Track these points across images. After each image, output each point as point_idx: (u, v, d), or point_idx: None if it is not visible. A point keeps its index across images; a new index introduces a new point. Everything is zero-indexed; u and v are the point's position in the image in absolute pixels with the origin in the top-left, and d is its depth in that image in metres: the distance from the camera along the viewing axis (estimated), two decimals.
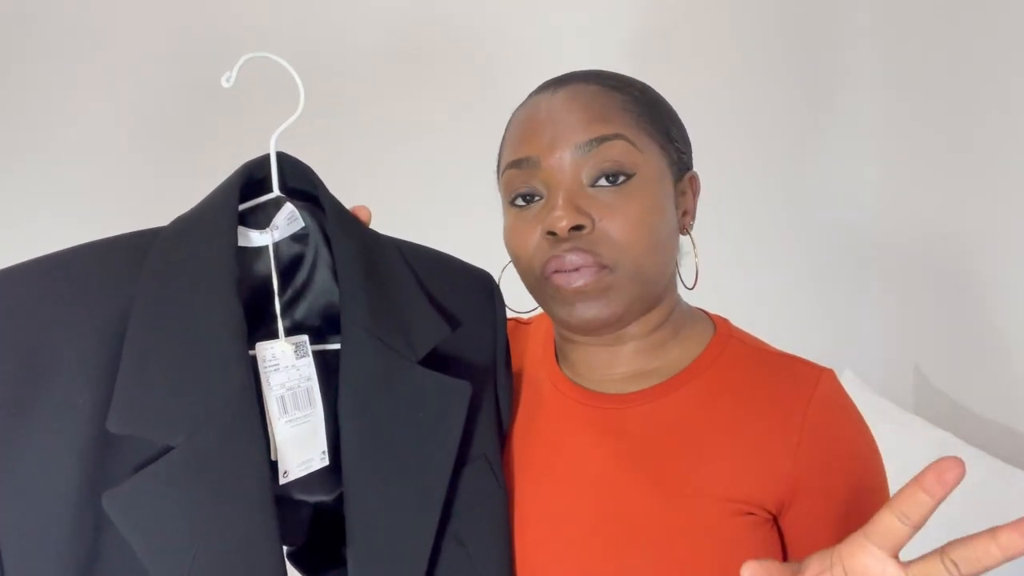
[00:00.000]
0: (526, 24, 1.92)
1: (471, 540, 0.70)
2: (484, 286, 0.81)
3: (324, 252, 0.72)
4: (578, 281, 0.73)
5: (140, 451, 0.57)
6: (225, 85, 0.70)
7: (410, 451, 0.68)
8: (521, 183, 0.77)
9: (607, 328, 0.77)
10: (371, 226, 0.77)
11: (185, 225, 0.66)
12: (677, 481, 0.74)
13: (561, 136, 0.74)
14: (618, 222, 0.73)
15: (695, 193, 0.84)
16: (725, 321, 0.86)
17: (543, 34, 1.91)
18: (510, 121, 0.83)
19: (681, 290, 0.86)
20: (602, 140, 0.73)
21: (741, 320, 0.86)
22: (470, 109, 1.86)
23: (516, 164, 0.77)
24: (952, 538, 0.49)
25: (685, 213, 0.82)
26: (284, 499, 0.66)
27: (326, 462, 0.69)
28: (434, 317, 0.73)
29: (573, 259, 0.73)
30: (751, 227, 1.99)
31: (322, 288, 0.73)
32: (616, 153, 0.73)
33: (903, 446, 0.85)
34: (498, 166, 0.84)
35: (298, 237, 0.72)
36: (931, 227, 1.81)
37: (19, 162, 1.76)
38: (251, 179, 0.70)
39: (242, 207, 0.69)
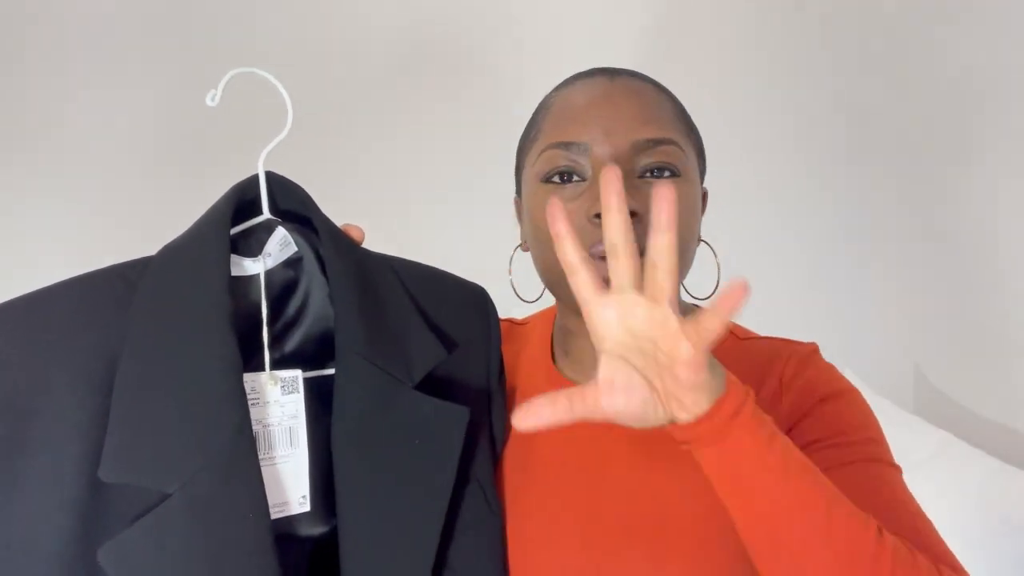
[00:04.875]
0: (532, 25, 1.90)
1: (463, 568, 0.69)
2: (479, 302, 0.79)
3: (319, 277, 0.70)
4: None
5: (135, 500, 0.55)
6: (210, 104, 0.67)
7: (406, 480, 0.66)
8: (565, 162, 0.76)
9: None
10: (367, 236, 0.75)
11: (174, 256, 0.63)
12: (676, 475, 0.74)
13: (621, 127, 0.75)
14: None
15: (703, 208, 0.85)
16: None
17: (550, 35, 1.89)
18: (552, 100, 0.82)
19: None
20: (660, 142, 0.75)
21: (740, 319, 0.85)
22: (473, 115, 1.85)
23: (563, 145, 0.76)
24: (954, 537, 0.49)
25: None
26: (284, 536, 0.65)
27: (306, 508, 0.67)
28: (431, 339, 0.71)
29: None
30: (751, 227, 1.97)
31: (318, 314, 0.71)
32: (669, 156, 0.76)
33: (903, 446, 0.85)
34: (527, 142, 0.83)
35: (291, 262, 0.70)
36: (932, 226, 1.81)
37: (16, 163, 1.72)
38: (241, 201, 0.68)
39: (233, 231, 0.67)
